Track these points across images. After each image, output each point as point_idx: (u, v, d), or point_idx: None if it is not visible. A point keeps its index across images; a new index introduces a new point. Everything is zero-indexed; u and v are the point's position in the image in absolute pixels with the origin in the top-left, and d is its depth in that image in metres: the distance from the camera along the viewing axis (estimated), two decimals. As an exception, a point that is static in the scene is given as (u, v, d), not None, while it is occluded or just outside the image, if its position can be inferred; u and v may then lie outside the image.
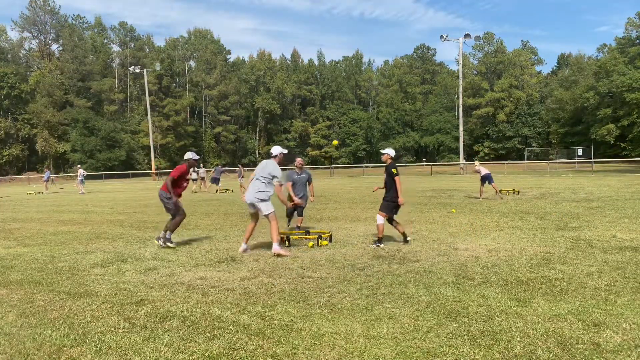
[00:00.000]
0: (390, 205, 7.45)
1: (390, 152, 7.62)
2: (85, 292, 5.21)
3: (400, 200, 7.35)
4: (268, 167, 7.29)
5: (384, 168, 7.69)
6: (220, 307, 4.52)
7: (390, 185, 7.45)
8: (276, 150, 7.50)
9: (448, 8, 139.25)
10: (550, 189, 18.88)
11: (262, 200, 7.11)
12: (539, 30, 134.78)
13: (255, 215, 7.38)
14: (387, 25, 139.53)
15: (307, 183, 9.26)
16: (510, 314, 4.08)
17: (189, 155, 8.31)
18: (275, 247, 6.97)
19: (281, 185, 7.32)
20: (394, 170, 7.36)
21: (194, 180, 26.33)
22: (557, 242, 7.43)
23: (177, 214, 8.05)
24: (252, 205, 7.21)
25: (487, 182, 15.42)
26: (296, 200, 8.64)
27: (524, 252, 6.74)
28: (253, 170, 7.80)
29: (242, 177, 26.35)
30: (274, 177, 7.17)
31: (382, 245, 7.37)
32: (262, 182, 7.19)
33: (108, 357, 3.44)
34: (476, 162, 17.38)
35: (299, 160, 9.35)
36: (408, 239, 7.67)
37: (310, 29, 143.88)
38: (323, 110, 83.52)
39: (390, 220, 7.62)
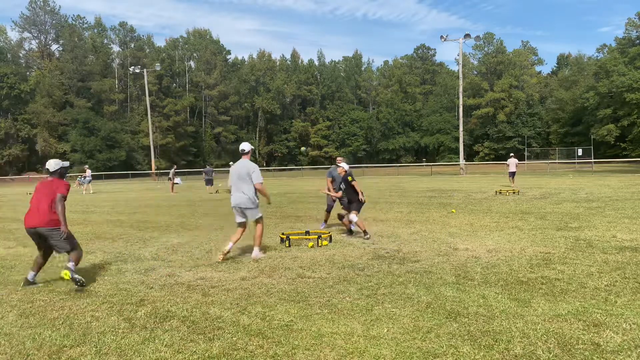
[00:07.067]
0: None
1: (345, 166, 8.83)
2: (85, 292, 5.21)
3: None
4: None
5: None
6: (220, 307, 4.51)
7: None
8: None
9: (451, 9, 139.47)
10: (550, 189, 18.88)
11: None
12: (541, 31, 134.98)
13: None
14: (389, 26, 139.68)
15: None
16: (510, 314, 4.08)
17: (56, 164, 5.70)
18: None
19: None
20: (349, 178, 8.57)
21: (175, 183, 25.96)
22: (557, 242, 7.42)
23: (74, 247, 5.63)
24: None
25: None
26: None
27: (524, 252, 6.73)
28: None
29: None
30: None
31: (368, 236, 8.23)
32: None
33: (108, 357, 3.44)
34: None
35: None
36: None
37: (312, 29, 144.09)
38: (323, 111, 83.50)
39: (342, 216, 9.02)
